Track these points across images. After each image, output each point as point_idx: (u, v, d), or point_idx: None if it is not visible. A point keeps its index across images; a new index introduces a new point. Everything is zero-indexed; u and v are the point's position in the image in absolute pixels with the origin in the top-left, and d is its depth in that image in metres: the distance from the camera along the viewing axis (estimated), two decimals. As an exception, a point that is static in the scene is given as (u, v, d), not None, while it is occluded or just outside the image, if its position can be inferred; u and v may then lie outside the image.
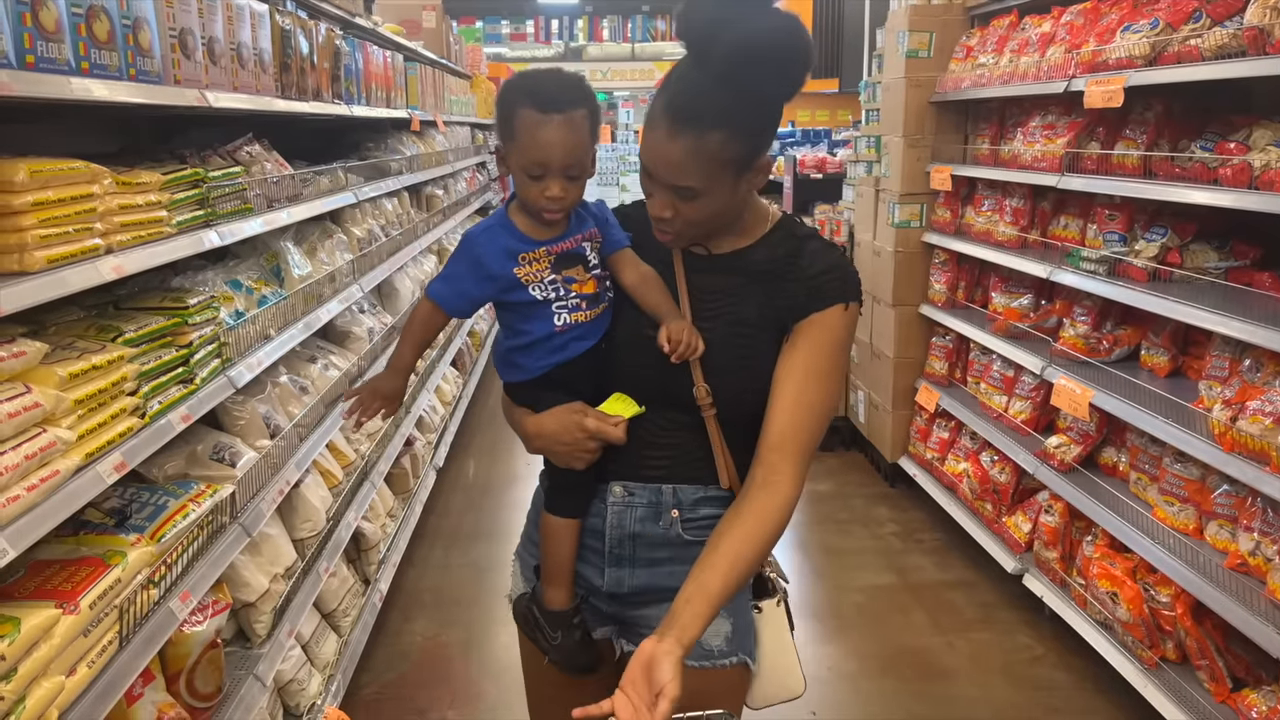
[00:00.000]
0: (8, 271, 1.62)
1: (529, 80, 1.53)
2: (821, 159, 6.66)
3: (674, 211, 1.50)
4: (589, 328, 1.60)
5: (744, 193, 1.53)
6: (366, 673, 3.41)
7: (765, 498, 1.51)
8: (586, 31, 15.62)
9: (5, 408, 1.53)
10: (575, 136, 1.50)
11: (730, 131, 1.41)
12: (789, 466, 1.53)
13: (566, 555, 1.69)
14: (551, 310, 1.57)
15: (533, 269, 1.57)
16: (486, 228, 1.60)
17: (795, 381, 1.55)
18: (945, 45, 4.69)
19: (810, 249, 1.59)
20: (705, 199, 1.48)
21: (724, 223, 1.58)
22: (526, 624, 1.76)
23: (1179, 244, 3.28)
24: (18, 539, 1.50)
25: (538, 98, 1.49)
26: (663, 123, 1.43)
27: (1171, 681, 2.92)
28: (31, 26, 1.57)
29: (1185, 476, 3.01)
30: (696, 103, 1.41)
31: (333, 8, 3.88)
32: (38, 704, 1.52)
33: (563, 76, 1.54)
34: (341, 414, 1.77)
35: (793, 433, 1.54)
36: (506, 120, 1.52)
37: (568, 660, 1.70)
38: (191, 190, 2.26)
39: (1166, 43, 2.99)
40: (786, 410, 1.54)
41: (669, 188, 1.47)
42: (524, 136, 1.50)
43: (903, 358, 4.96)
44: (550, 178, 1.51)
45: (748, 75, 1.38)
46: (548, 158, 1.49)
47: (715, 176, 1.45)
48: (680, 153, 1.42)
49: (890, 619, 3.84)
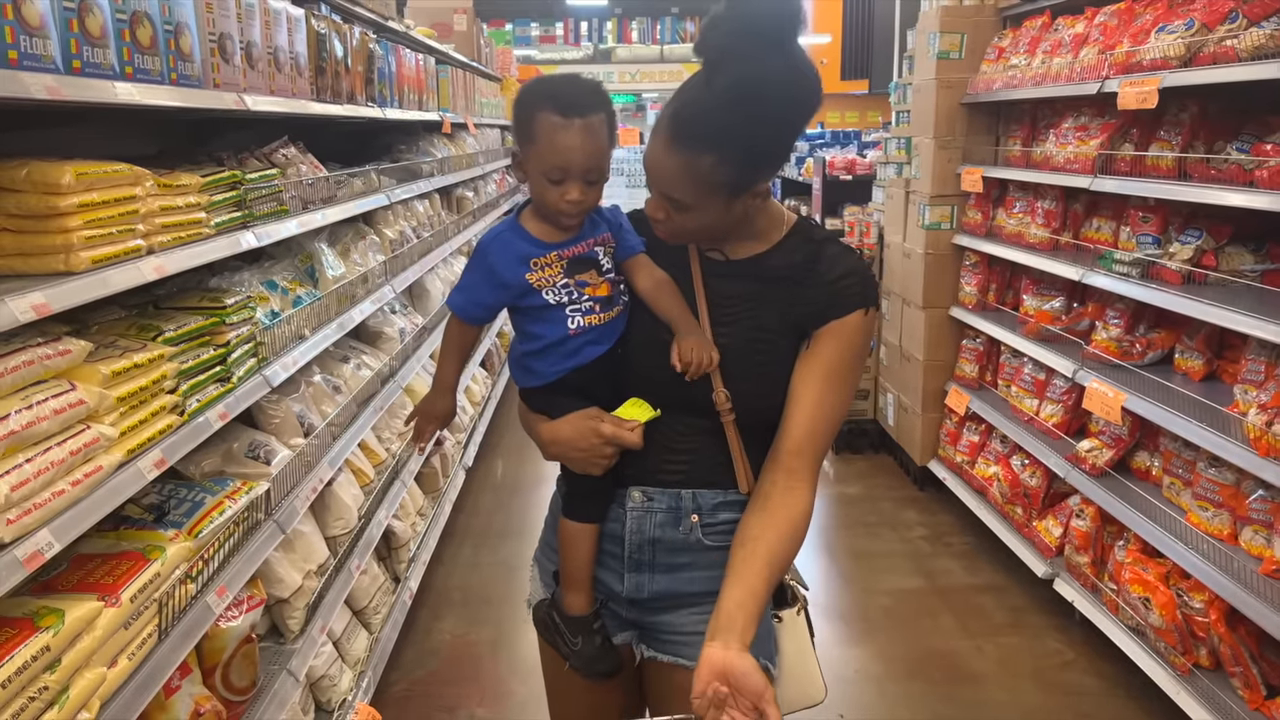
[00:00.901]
0: (54, 272, 1.65)
1: (548, 85, 1.53)
2: (851, 160, 6.63)
3: (666, 214, 1.51)
4: (603, 331, 1.59)
5: (739, 212, 1.52)
6: (396, 670, 3.44)
7: (793, 501, 1.53)
8: (615, 33, 15.64)
9: (51, 404, 1.57)
10: (595, 141, 1.51)
11: (722, 157, 1.40)
12: (809, 471, 1.54)
13: (585, 560, 1.69)
14: (565, 314, 1.57)
15: (545, 273, 1.57)
16: (497, 235, 1.61)
17: (815, 387, 1.55)
18: (977, 46, 4.66)
19: (829, 254, 1.59)
20: (695, 213, 1.48)
21: (721, 234, 1.58)
22: (546, 630, 1.76)
23: (1214, 246, 3.25)
24: (62, 533, 1.53)
25: (558, 102, 1.49)
26: (664, 133, 1.43)
27: (1204, 688, 2.89)
28: (78, 32, 1.61)
29: (1220, 481, 2.98)
30: (696, 121, 1.40)
31: (366, 11, 3.92)
32: (80, 694, 1.55)
33: (581, 81, 1.54)
34: (398, 438, 1.81)
35: (811, 438, 1.54)
36: (525, 124, 1.52)
37: (588, 666, 1.70)
38: (229, 192, 2.30)
39: (1202, 43, 2.96)
40: (806, 415, 1.54)
41: (662, 194, 1.49)
42: (544, 141, 1.50)
43: (932, 360, 4.94)
44: (570, 182, 1.51)
45: (745, 110, 1.37)
46: (569, 162, 1.49)
47: (704, 196, 1.45)
48: (673, 166, 1.43)
49: (918, 622, 3.82)
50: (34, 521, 1.48)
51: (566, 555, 1.70)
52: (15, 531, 1.44)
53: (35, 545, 1.46)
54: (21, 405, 1.51)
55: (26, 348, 1.58)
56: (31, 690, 1.46)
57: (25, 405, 1.52)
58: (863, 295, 1.56)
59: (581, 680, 1.74)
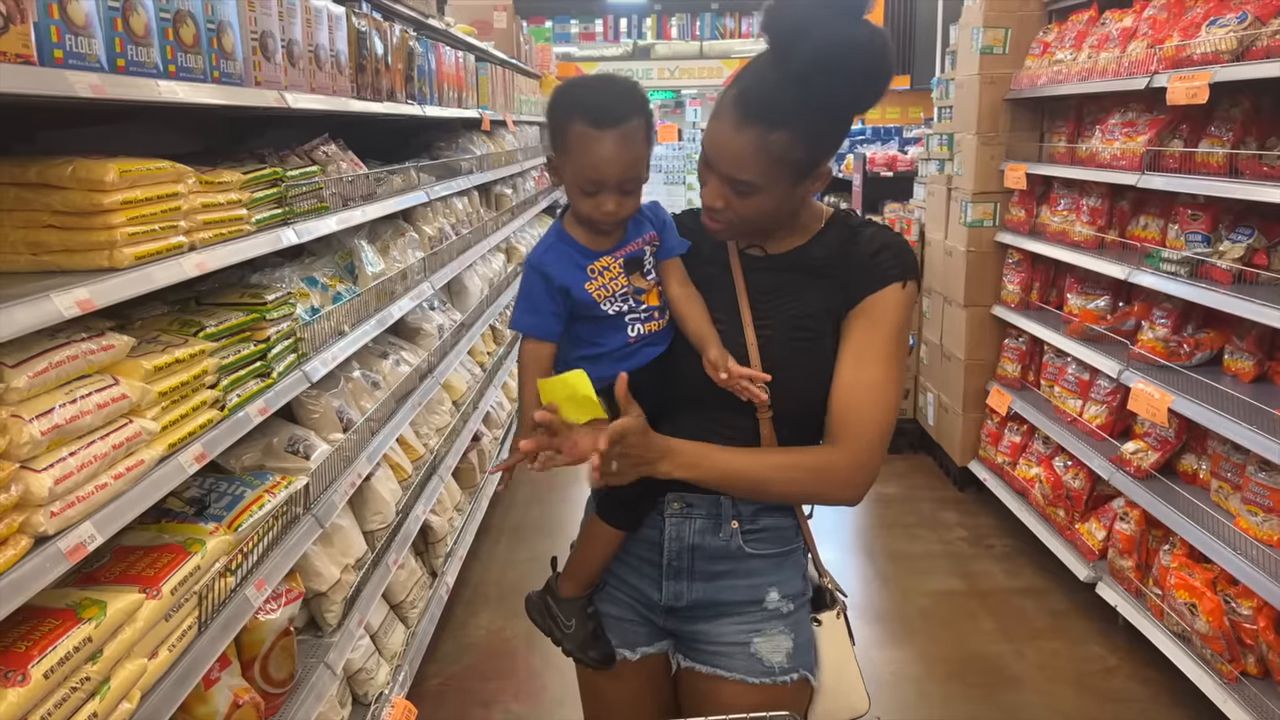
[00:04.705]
0: (98, 268, 1.68)
1: (580, 92, 1.48)
2: (892, 157, 6.58)
3: (725, 203, 1.48)
4: (659, 335, 1.58)
5: (799, 198, 1.51)
6: (432, 664, 3.47)
7: (813, 449, 1.56)
8: (655, 30, 15.62)
9: (95, 399, 1.59)
10: (631, 151, 1.46)
11: (796, 134, 1.40)
12: (850, 440, 1.52)
13: (600, 560, 1.69)
14: (624, 321, 1.55)
15: (603, 279, 1.54)
16: (548, 248, 1.56)
17: (850, 362, 1.53)
18: (1021, 41, 4.59)
19: (865, 234, 1.57)
20: (760, 197, 1.46)
21: (774, 224, 1.56)
22: (539, 614, 1.75)
23: (1266, 245, 3.17)
24: (105, 525, 1.56)
25: (591, 111, 1.44)
26: (731, 114, 1.42)
27: (1252, 697, 2.83)
28: (122, 31, 1.63)
29: (1270, 486, 2.91)
30: (768, 100, 1.39)
31: (407, 9, 3.94)
32: (122, 684, 1.57)
33: (614, 84, 1.49)
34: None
35: (845, 411, 1.52)
36: (559, 133, 1.48)
37: (580, 650, 1.69)
38: (270, 189, 2.32)
39: (1254, 37, 2.89)
40: (842, 390, 1.53)
41: (726, 179, 1.46)
42: (578, 153, 1.46)
43: (974, 360, 4.87)
44: (605, 193, 1.47)
45: (825, 81, 1.36)
46: (603, 175, 1.45)
47: (774, 176, 1.44)
48: (743, 146, 1.41)
49: (957, 625, 3.77)
50: (77, 514, 1.50)
51: (585, 550, 1.69)
52: (59, 524, 1.46)
53: (78, 537, 1.48)
54: (65, 400, 1.53)
55: (71, 342, 1.60)
56: (74, 681, 1.48)
57: (69, 400, 1.54)
58: (900, 268, 1.53)
59: (614, 685, 1.73)
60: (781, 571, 1.64)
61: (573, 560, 1.72)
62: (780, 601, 1.63)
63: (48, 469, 1.46)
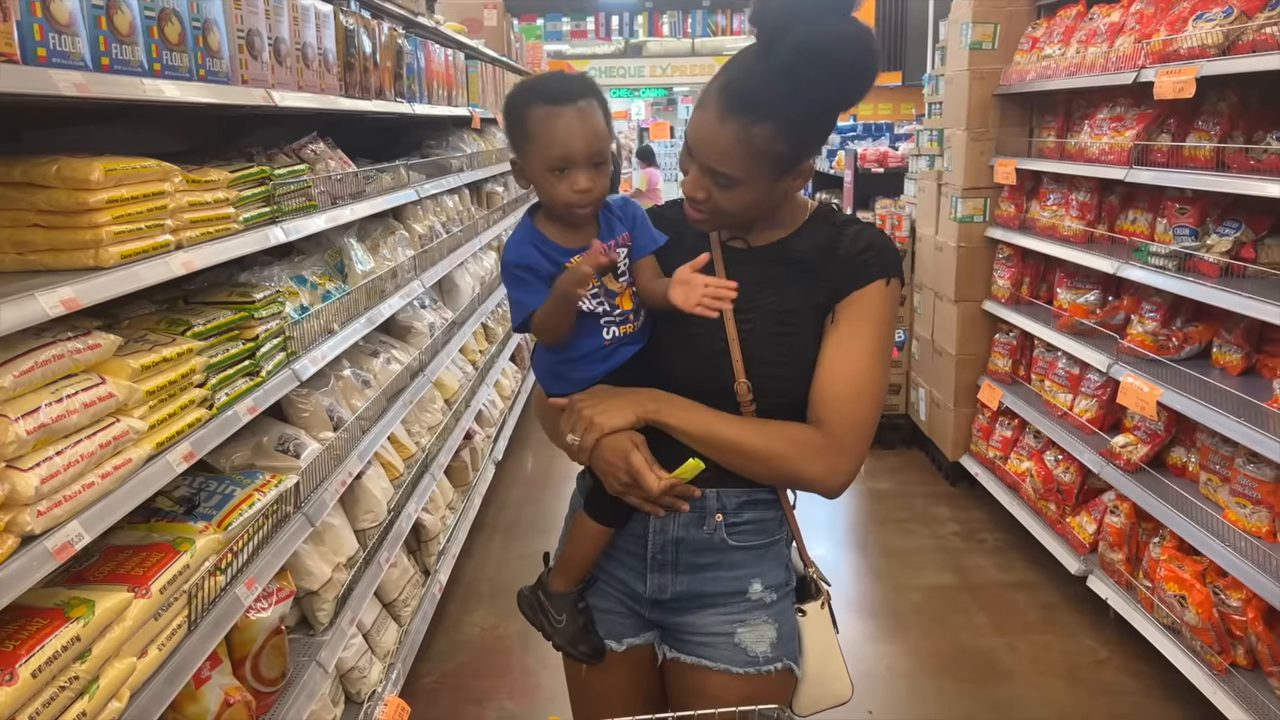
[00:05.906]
0: (84, 267, 1.67)
1: (533, 82, 1.51)
2: (883, 153, 6.58)
3: (706, 194, 1.48)
4: (635, 335, 1.59)
5: (780, 194, 1.51)
6: (426, 662, 3.47)
7: (796, 423, 1.55)
8: (646, 27, 15.63)
9: (81, 398, 1.59)
10: (593, 123, 1.47)
11: (779, 127, 1.40)
12: (828, 426, 1.52)
13: (590, 556, 1.69)
14: (600, 324, 1.55)
15: None
16: (519, 241, 1.55)
17: (833, 354, 1.53)
18: (1010, 37, 4.60)
19: (850, 233, 1.57)
20: (740, 189, 1.46)
21: (755, 217, 1.57)
22: (530, 608, 1.76)
23: (1253, 238, 3.18)
24: (93, 524, 1.55)
25: (546, 92, 1.46)
26: (715, 105, 1.42)
27: (1242, 688, 2.84)
28: (106, 29, 1.62)
29: (1258, 478, 2.92)
30: (752, 92, 1.39)
31: (395, 7, 3.94)
32: (111, 683, 1.57)
33: (566, 74, 1.51)
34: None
35: (827, 400, 1.52)
36: (518, 124, 1.48)
37: (570, 644, 1.70)
38: (258, 188, 2.31)
39: (1241, 31, 2.90)
40: (824, 381, 1.53)
41: (707, 170, 1.46)
42: (541, 134, 1.46)
43: (965, 355, 4.88)
44: (576, 169, 1.47)
45: (810, 74, 1.36)
46: (570, 148, 1.45)
47: (755, 169, 1.43)
48: (725, 138, 1.41)
49: (950, 619, 3.79)
50: (64, 513, 1.50)
51: (573, 547, 1.70)
52: (46, 523, 1.46)
53: (65, 537, 1.48)
54: (51, 399, 1.53)
55: (56, 341, 1.60)
56: (62, 680, 1.48)
57: (55, 399, 1.54)
58: (883, 266, 1.54)
59: (601, 676, 1.74)
60: (764, 563, 1.65)
61: (562, 556, 1.73)
62: (763, 592, 1.64)
63: (34, 468, 1.46)
